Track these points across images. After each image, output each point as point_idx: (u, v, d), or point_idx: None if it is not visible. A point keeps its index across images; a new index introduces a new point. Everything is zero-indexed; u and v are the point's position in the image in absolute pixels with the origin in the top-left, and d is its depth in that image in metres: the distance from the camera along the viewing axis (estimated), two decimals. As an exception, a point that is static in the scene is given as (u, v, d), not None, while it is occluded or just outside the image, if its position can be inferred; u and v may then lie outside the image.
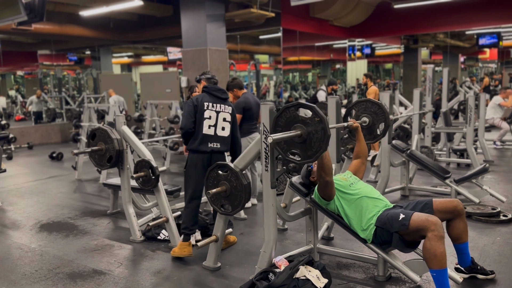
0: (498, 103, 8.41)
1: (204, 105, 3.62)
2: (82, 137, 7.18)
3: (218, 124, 3.65)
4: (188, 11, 8.35)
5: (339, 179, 3.11)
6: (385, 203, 2.99)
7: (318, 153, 2.57)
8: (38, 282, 3.22)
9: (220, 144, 3.65)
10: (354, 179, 3.17)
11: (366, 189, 3.06)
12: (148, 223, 3.93)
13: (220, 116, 3.66)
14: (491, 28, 13.80)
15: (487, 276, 2.99)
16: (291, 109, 2.69)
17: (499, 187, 5.47)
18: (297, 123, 2.65)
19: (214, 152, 3.62)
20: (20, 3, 6.74)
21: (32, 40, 13.79)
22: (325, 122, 2.55)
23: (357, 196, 2.98)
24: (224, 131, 3.68)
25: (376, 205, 2.93)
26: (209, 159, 3.62)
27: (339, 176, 3.17)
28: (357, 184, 3.11)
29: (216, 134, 3.64)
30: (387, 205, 2.97)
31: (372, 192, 3.04)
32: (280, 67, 14.02)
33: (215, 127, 3.64)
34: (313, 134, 2.58)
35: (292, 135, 2.62)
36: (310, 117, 2.60)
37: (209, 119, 3.63)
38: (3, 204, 5.41)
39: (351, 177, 3.19)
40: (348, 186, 3.06)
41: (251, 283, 2.80)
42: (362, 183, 3.17)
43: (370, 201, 2.95)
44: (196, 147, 3.62)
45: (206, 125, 3.61)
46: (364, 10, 12.37)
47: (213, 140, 3.63)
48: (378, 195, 3.04)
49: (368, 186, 3.13)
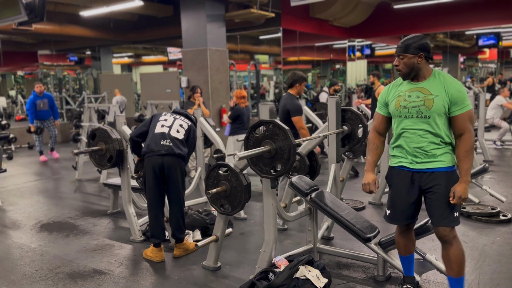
0: (501, 104, 8.39)
1: (161, 114, 3.68)
2: (82, 137, 7.19)
3: (173, 126, 3.58)
4: (188, 11, 8.35)
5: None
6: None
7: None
8: (38, 282, 3.23)
9: (171, 143, 3.48)
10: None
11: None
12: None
13: (176, 121, 3.62)
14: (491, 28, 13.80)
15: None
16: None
17: (499, 187, 5.48)
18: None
19: (166, 155, 3.45)
20: (21, 3, 6.74)
21: (32, 40, 13.80)
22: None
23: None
24: (178, 133, 3.57)
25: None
26: (161, 164, 3.45)
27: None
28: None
29: (169, 133, 3.53)
30: None
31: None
32: (280, 67, 14.03)
33: (169, 128, 3.56)
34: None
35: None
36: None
37: (165, 121, 3.60)
38: (3, 204, 5.41)
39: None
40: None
41: (251, 283, 2.81)
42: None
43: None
44: (146, 148, 3.51)
45: (159, 126, 3.56)
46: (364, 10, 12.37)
47: (167, 137, 3.51)
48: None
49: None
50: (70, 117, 11.53)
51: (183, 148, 3.56)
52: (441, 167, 2.47)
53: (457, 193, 2.40)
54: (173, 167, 3.48)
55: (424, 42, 2.46)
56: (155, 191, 3.52)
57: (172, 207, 3.60)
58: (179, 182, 3.54)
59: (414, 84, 2.52)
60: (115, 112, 6.60)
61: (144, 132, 3.63)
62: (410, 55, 2.44)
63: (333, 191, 3.76)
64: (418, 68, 2.47)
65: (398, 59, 2.49)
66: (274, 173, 2.84)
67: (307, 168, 3.95)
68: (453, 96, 2.40)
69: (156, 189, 3.52)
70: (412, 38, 2.48)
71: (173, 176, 3.50)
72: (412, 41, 2.46)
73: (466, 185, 2.43)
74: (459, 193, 2.40)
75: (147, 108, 8.28)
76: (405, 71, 2.48)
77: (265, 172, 2.85)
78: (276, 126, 2.77)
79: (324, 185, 3.83)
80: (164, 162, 3.46)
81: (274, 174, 2.84)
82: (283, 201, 3.90)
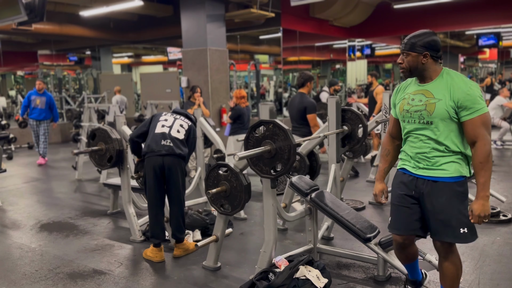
0: (501, 104, 8.41)
1: (162, 114, 3.69)
2: (82, 137, 7.19)
3: (173, 126, 3.58)
4: (188, 11, 8.35)
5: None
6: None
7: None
8: (38, 282, 3.23)
9: (172, 143, 3.48)
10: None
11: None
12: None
13: (177, 121, 3.62)
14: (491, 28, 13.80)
15: None
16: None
17: (499, 187, 5.47)
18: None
19: (166, 155, 3.45)
20: (20, 3, 6.74)
21: (32, 40, 13.79)
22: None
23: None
24: (179, 133, 3.57)
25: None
26: (161, 164, 3.45)
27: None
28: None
29: (170, 133, 3.53)
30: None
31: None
32: (280, 67, 14.02)
33: (170, 128, 3.56)
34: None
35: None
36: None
37: (165, 121, 3.59)
38: (3, 204, 5.41)
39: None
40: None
41: (251, 283, 2.81)
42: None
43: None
44: (146, 148, 3.52)
45: (159, 126, 3.55)
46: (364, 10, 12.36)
47: (167, 137, 3.51)
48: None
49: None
50: (70, 117, 11.53)
51: (183, 148, 3.56)
52: (443, 177, 2.25)
53: (475, 212, 2.18)
54: (174, 167, 3.48)
55: (431, 40, 2.24)
56: (155, 191, 3.52)
57: (172, 207, 3.60)
58: (179, 182, 3.54)
59: (419, 86, 2.32)
60: (115, 112, 6.60)
61: (144, 133, 3.63)
62: (414, 54, 2.24)
63: (333, 191, 3.76)
64: (423, 68, 2.26)
65: (402, 56, 2.30)
66: (274, 173, 2.84)
67: (307, 168, 3.95)
68: (460, 100, 2.16)
69: (156, 189, 3.51)
70: (420, 35, 2.26)
71: (173, 176, 3.50)
72: (419, 39, 2.25)
73: (484, 201, 2.18)
74: (477, 211, 2.17)
75: (147, 108, 8.28)
76: (407, 70, 2.30)
77: (265, 172, 2.85)
78: (276, 126, 2.77)
79: (324, 185, 3.83)
80: (165, 162, 3.45)
81: (274, 174, 2.84)
82: (283, 201, 3.90)
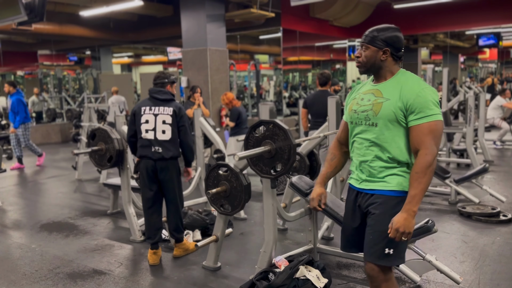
0: (501, 104, 8.42)
1: (141, 110, 3.50)
2: (82, 137, 7.18)
3: (157, 128, 3.46)
4: (188, 11, 8.35)
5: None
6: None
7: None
8: (38, 282, 3.23)
9: (161, 149, 3.44)
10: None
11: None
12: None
13: (158, 119, 3.46)
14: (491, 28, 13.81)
15: None
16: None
17: (499, 187, 5.48)
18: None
19: (159, 160, 3.44)
20: (20, 3, 6.74)
21: (32, 40, 13.79)
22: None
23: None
24: (165, 134, 3.45)
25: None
26: (153, 166, 3.46)
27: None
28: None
29: (156, 138, 3.45)
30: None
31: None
32: (280, 67, 14.02)
33: (154, 131, 3.46)
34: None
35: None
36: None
37: (147, 123, 3.48)
38: (3, 204, 5.41)
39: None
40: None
41: (251, 283, 2.81)
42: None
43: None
44: (139, 153, 3.52)
45: (143, 130, 3.48)
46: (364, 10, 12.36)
47: (155, 144, 3.44)
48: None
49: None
50: (70, 117, 11.53)
51: (173, 148, 3.50)
52: (382, 190, 2.01)
53: (394, 225, 1.89)
54: (167, 168, 3.48)
55: (393, 36, 2.01)
56: (149, 192, 3.52)
57: (169, 207, 3.60)
58: (174, 182, 3.53)
59: (372, 85, 2.10)
60: (115, 112, 6.60)
61: (135, 131, 3.58)
62: (374, 48, 2.01)
63: (333, 191, 3.76)
64: (380, 65, 2.03)
65: (360, 49, 2.06)
66: (274, 173, 2.84)
67: (307, 168, 3.95)
68: (409, 102, 1.92)
69: (150, 190, 3.51)
70: (383, 29, 2.03)
71: (167, 177, 3.50)
72: (382, 33, 2.01)
73: (409, 216, 1.88)
74: (397, 225, 1.88)
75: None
76: (364, 65, 2.05)
77: (265, 172, 2.85)
78: (276, 126, 2.77)
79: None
80: (157, 165, 3.47)
81: (274, 174, 2.84)
82: (283, 201, 3.90)
